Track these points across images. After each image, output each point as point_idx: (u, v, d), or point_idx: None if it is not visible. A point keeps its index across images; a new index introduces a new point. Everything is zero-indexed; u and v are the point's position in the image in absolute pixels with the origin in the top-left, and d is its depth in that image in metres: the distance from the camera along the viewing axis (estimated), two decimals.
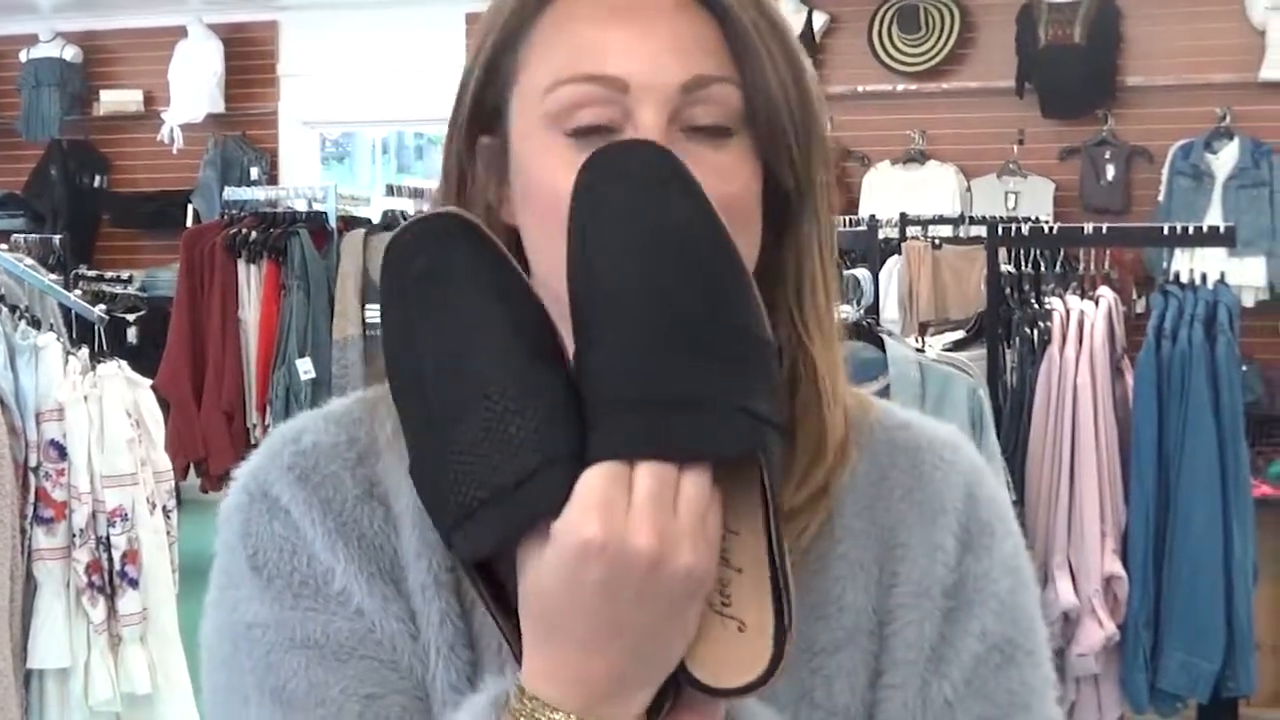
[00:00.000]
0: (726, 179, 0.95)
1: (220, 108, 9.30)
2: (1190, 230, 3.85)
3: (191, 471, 5.75)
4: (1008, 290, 3.95)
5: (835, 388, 1.02)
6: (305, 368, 5.61)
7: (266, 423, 5.63)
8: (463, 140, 1.03)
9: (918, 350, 3.69)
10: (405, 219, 2.32)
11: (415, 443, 0.90)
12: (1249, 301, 7.50)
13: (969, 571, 1.03)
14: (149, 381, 3.64)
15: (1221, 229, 3.91)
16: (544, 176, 0.96)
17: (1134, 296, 7.29)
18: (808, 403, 1.01)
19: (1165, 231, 3.97)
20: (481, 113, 1.02)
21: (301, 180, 8.11)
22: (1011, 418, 3.78)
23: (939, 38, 8.26)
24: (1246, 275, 7.49)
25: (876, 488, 1.05)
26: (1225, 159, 7.68)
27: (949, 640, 1.02)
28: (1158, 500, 3.72)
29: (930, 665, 1.01)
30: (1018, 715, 1.03)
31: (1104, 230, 3.99)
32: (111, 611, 3.36)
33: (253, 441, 5.65)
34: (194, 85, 9.25)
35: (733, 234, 0.90)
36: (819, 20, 8.38)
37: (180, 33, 9.27)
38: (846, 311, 3.58)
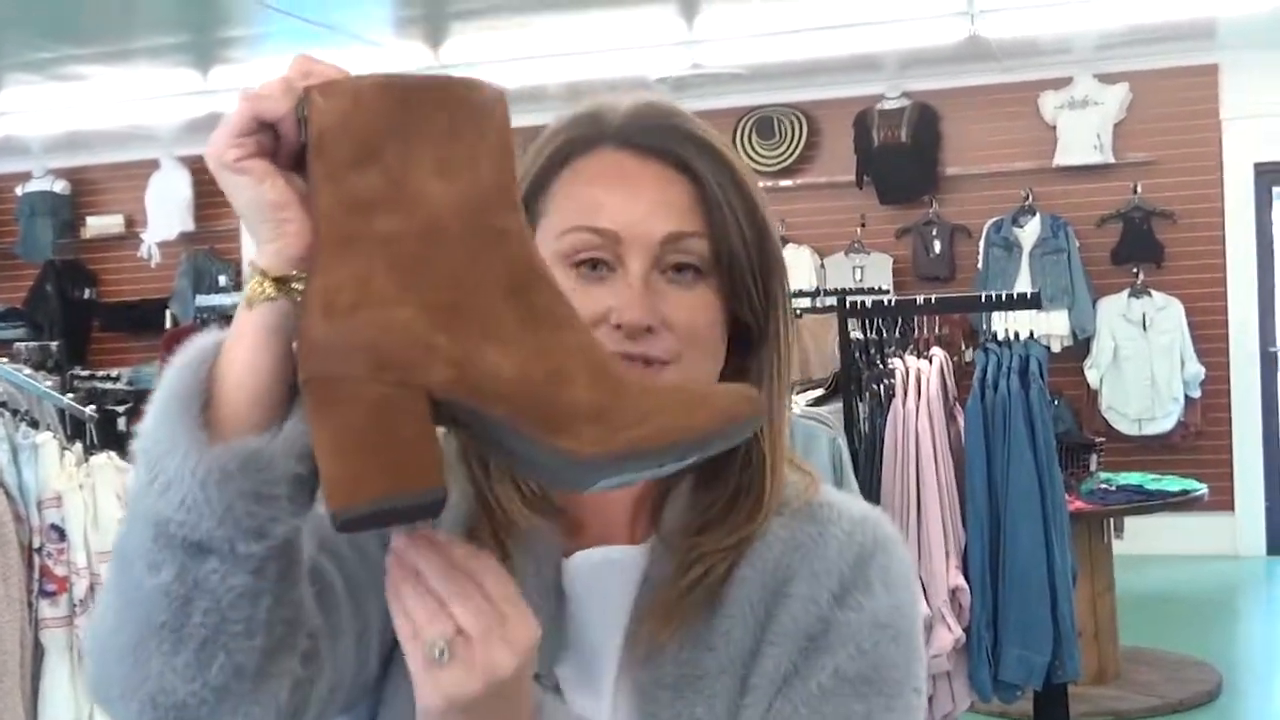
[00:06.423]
0: (695, 313, 1.02)
1: (191, 227, 9.13)
2: (1004, 297, 3.90)
3: None
4: (858, 353, 3.96)
5: (777, 466, 1.06)
6: None
7: None
8: None
9: None
10: None
11: None
12: (1056, 347, 7.62)
13: (835, 620, 1.03)
14: None
15: (1029, 295, 3.95)
16: None
17: (963, 348, 7.36)
18: (754, 474, 1.05)
19: (985, 299, 4.00)
20: None
21: None
22: (866, 460, 3.80)
23: (790, 142, 8.34)
24: (1053, 326, 7.62)
25: (785, 546, 1.05)
26: (1030, 232, 7.81)
27: (800, 673, 1.02)
28: (990, 522, 3.75)
29: (781, 691, 1.02)
30: None
31: (934, 300, 4.03)
32: None
33: None
34: (167, 209, 9.09)
35: (699, 356, 1.01)
36: None
37: (154, 165, 9.12)
38: None
